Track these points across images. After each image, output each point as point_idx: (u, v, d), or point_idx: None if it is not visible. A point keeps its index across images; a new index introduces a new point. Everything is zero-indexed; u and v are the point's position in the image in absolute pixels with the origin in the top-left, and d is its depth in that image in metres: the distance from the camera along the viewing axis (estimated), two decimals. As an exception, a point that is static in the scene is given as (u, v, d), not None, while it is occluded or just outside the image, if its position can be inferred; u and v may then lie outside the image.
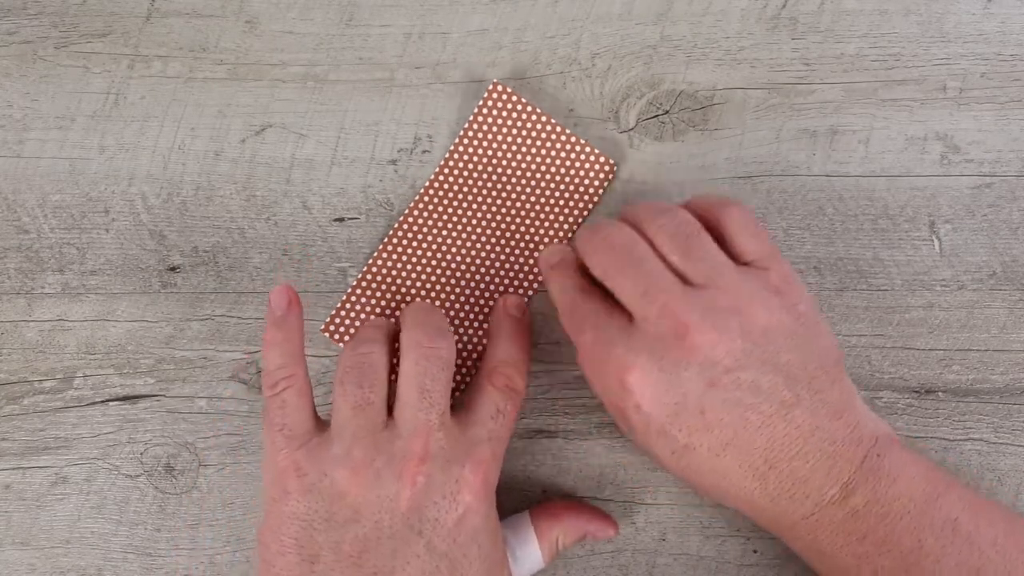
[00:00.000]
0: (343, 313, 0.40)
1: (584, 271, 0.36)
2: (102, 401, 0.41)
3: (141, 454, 0.41)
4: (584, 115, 0.41)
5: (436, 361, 0.34)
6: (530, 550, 0.37)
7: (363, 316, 0.40)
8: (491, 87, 0.41)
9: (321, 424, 0.35)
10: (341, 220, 0.41)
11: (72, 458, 0.41)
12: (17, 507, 0.40)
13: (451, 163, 0.41)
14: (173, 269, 0.41)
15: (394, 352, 0.37)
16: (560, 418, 0.40)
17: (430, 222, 0.41)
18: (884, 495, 0.32)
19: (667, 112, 0.41)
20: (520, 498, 0.40)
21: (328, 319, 0.40)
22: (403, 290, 0.40)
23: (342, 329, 0.40)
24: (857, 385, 0.40)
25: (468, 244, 0.41)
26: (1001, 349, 0.40)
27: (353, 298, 0.40)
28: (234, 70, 0.42)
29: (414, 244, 0.41)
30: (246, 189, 0.42)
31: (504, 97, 0.41)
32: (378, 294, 0.40)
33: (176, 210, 0.42)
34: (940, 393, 0.40)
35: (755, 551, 0.40)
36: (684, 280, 0.33)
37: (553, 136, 0.41)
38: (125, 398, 0.41)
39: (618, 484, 0.40)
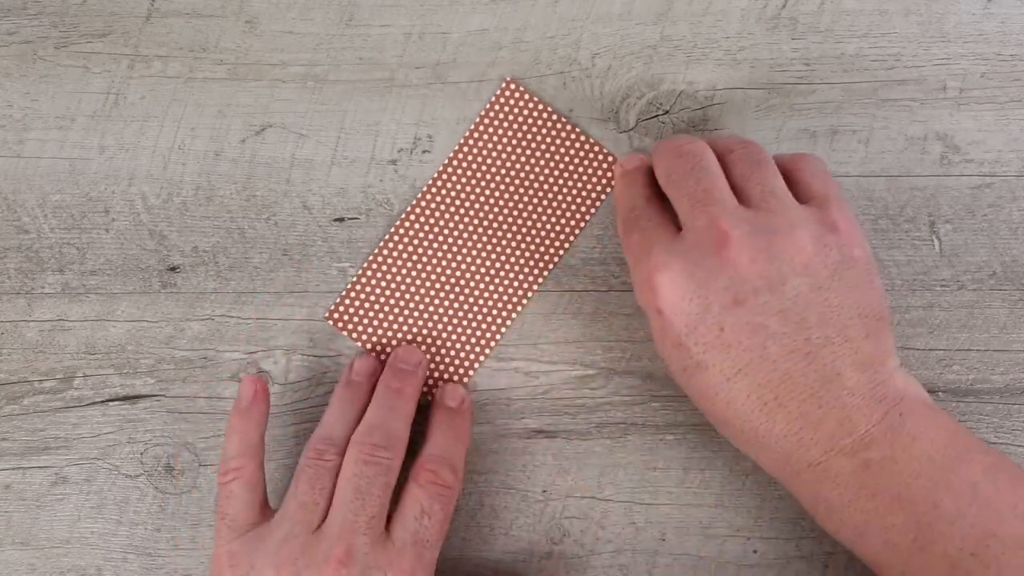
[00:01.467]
0: (347, 302, 0.41)
1: (655, 182, 0.36)
2: (102, 401, 0.41)
3: (141, 454, 0.41)
4: (584, 115, 0.41)
5: (375, 467, 0.34)
6: None
7: (367, 306, 0.40)
8: (504, 84, 0.41)
9: (267, 514, 0.36)
10: (341, 220, 0.41)
11: (72, 458, 0.41)
12: (17, 507, 0.40)
13: (459, 156, 0.41)
14: (173, 269, 0.41)
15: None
16: (560, 418, 0.40)
17: (436, 214, 0.41)
18: (902, 453, 0.31)
19: (667, 112, 0.41)
20: (520, 499, 0.40)
21: (333, 306, 0.41)
22: (408, 280, 0.40)
23: (346, 317, 0.40)
24: (857, 385, 0.40)
25: (474, 238, 0.41)
26: (1001, 349, 0.40)
27: (358, 287, 0.41)
28: (234, 70, 0.42)
29: (420, 235, 0.41)
30: (246, 189, 0.42)
31: (517, 94, 0.41)
32: (383, 283, 0.41)
33: (176, 210, 0.42)
34: (940, 393, 0.40)
35: (755, 551, 0.40)
36: (741, 200, 0.33)
37: (563, 134, 0.41)
38: (125, 398, 0.41)
39: (618, 484, 0.40)
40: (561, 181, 0.41)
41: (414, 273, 0.41)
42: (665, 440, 0.40)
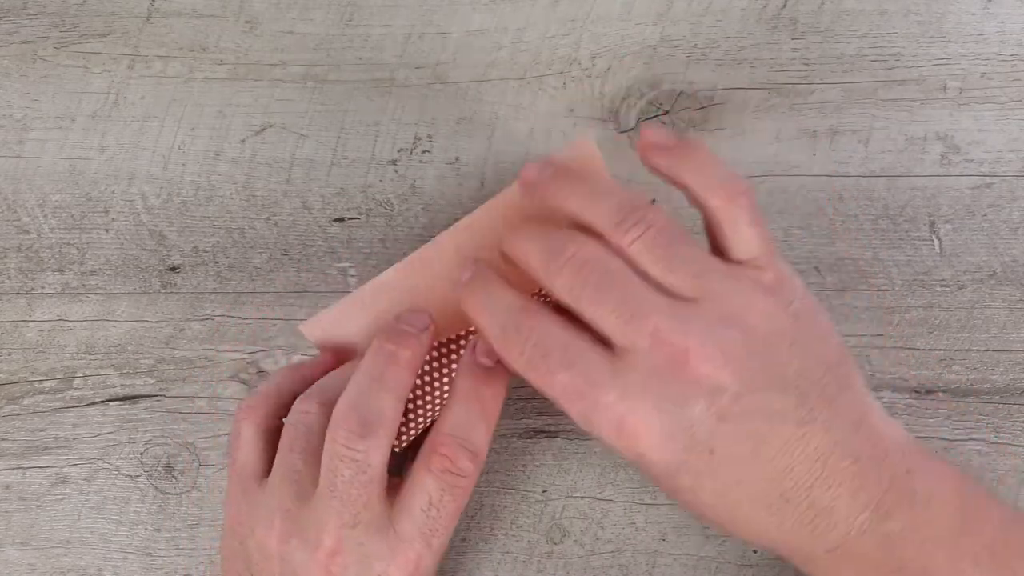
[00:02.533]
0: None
1: (513, 280, 0.31)
2: (102, 401, 0.41)
3: (141, 454, 0.41)
4: (584, 115, 0.42)
5: (349, 464, 0.30)
6: None
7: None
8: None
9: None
10: (341, 220, 0.41)
11: (72, 458, 0.41)
12: (17, 507, 0.40)
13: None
14: (173, 269, 0.41)
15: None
16: (560, 418, 0.40)
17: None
18: (920, 518, 0.29)
19: (667, 112, 0.41)
20: (520, 499, 0.40)
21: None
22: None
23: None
24: (857, 385, 0.40)
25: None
26: (1001, 349, 0.40)
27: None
28: (234, 70, 0.42)
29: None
30: (246, 189, 0.42)
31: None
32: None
33: (176, 210, 0.42)
34: (940, 393, 0.40)
35: (755, 551, 0.40)
36: (669, 294, 0.29)
37: None
38: (125, 398, 0.41)
39: (618, 484, 0.40)
40: None
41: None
42: (665, 440, 0.40)
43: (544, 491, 0.40)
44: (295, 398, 0.33)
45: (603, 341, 0.29)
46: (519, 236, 0.30)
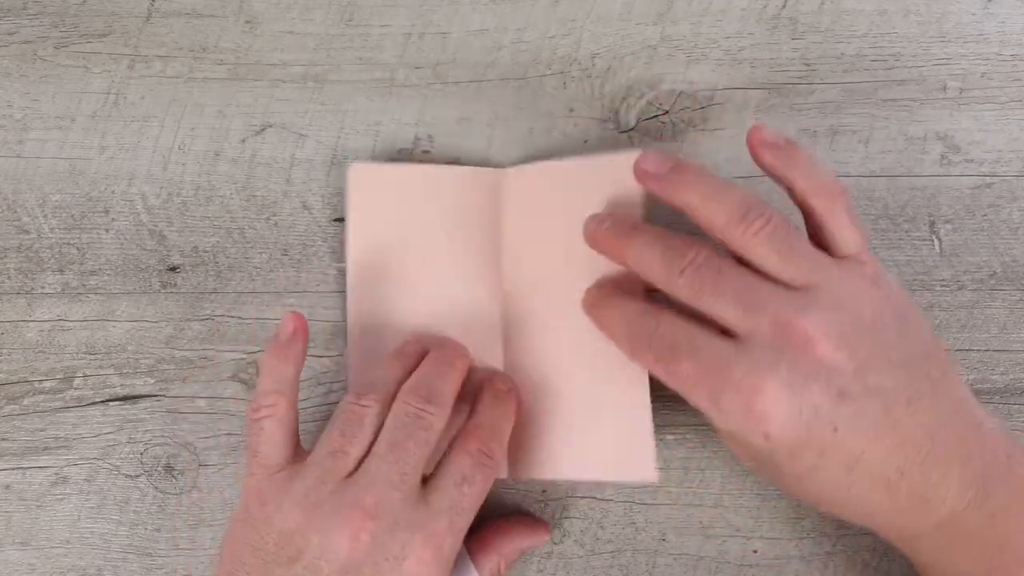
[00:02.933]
0: None
1: (634, 288, 0.34)
2: (102, 401, 0.41)
3: (141, 454, 0.41)
4: (584, 115, 0.41)
5: (417, 421, 0.33)
6: None
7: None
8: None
9: (299, 454, 0.35)
10: (341, 220, 0.41)
11: (72, 458, 0.41)
12: (17, 507, 0.40)
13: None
14: (173, 269, 0.41)
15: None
16: (560, 418, 0.40)
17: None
18: (1022, 499, 0.30)
19: (667, 112, 0.41)
20: (521, 499, 0.40)
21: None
22: None
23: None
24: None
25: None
26: (1001, 349, 0.40)
27: None
28: (234, 70, 0.42)
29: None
30: (246, 189, 0.42)
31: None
32: None
33: (176, 210, 0.42)
34: (940, 393, 0.40)
35: (755, 551, 0.40)
36: (783, 284, 0.31)
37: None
38: (125, 398, 0.41)
39: (618, 484, 0.40)
40: None
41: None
42: (665, 440, 0.40)
43: (544, 491, 0.40)
44: (298, 384, 0.35)
45: (725, 333, 0.31)
46: (635, 245, 0.33)
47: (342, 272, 0.41)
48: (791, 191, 0.33)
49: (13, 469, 0.41)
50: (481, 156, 0.42)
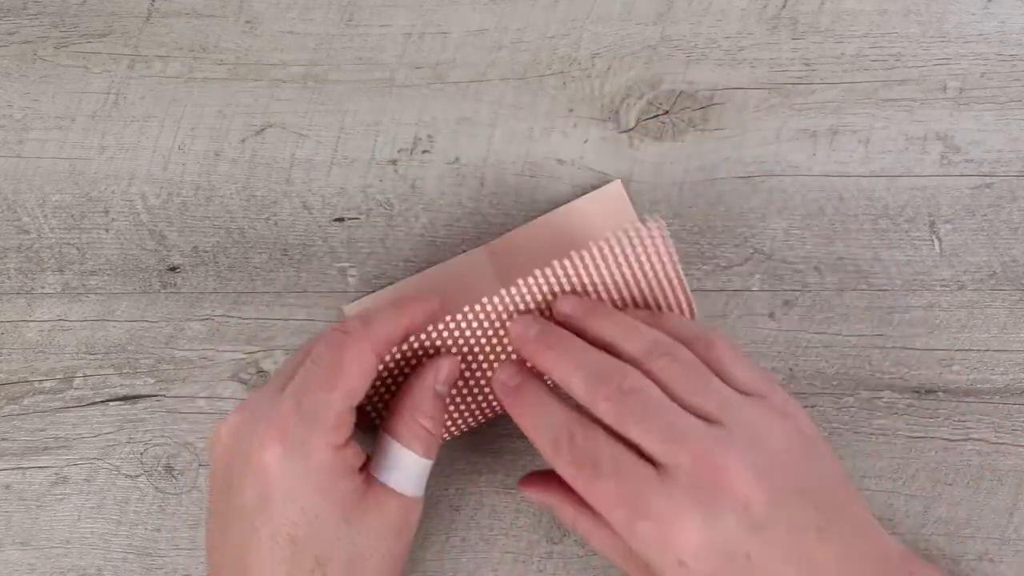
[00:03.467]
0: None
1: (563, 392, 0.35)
2: (102, 401, 0.41)
3: (141, 454, 0.41)
4: (584, 115, 0.41)
5: (305, 360, 0.33)
6: (397, 451, 0.34)
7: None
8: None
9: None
10: (341, 220, 0.41)
11: (72, 458, 0.41)
12: (17, 507, 0.40)
13: (551, 277, 0.36)
14: (173, 269, 0.41)
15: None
16: (560, 418, 0.40)
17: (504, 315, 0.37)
18: None
19: (667, 112, 0.41)
20: (520, 498, 0.40)
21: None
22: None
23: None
24: (857, 385, 0.40)
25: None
26: (1001, 349, 0.40)
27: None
28: (234, 70, 0.42)
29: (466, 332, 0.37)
30: (246, 189, 0.42)
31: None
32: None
33: (176, 210, 0.42)
34: (940, 393, 0.40)
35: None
36: (702, 417, 0.32)
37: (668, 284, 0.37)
38: (125, 398, 0.41)
39: (618, 484, 0.40)
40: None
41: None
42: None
43: (544, 491, 0.40)
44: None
45: (644, 458, 0.32)
46: (561, 355, 0.34)
47: (342, 272, 0.41)
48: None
49: (13, 469, 0.41)
50: (481, 156, 0.42)
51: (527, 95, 0.42)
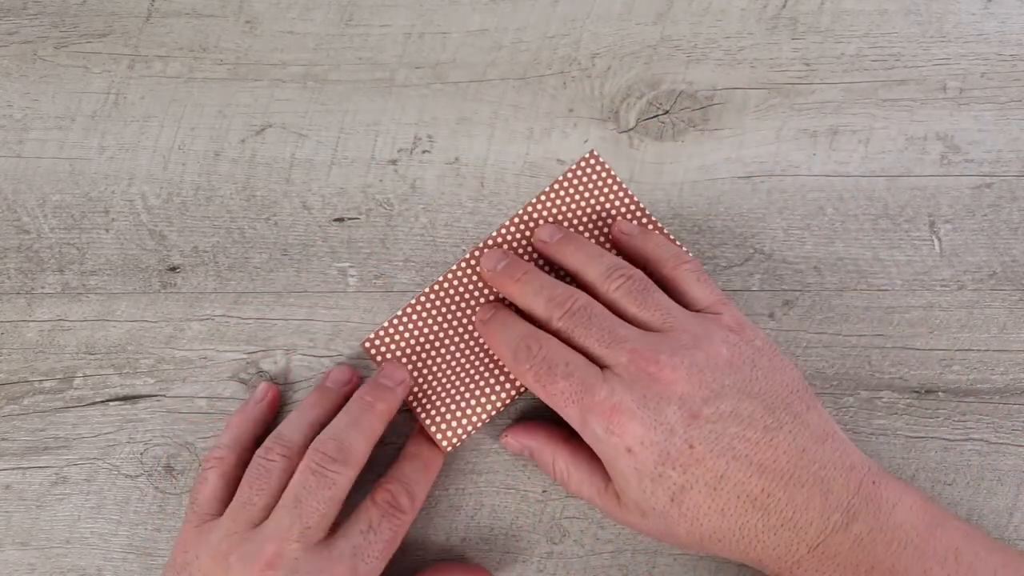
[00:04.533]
0: (387, 333, 0.40)
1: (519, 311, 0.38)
2: (102, 401, 0.41)
3: (141, 454, 0.41)
4: (584, 115, 0.42)
5: (320, 478, 0.34)
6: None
7: (403, 339, 0.39)
8: (588, 156, 0.40)
9: None
10: (341, 220, 0.41)
11: (72, 458, 0.41)
12: (17, 507, 0.40)
13: (525, 216, 0.40)
14: (173, 269, 0.41)
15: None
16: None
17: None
18: (886, 522, 0.32)
19: (667, 112, 0.41)
20: (520, 499, 0.40)
21: (372, 335, 0.39)
22: (448, 321, 0.40)
23: (382, 349, 0.39)
24: (857, 385, 0.40)
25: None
26: (1001, 349, 0.40)
27: (400, 321, 0.39)
28: (234, 70, 0.42)
29: (465, 281, 0.40)
30: (246, 189, 0.42)
31: (596, 168, 0.40)
32: (421, 321, 0.40)
33: (176, 210, 0.42)
34: (940, 393, 0.40)
35: (755, 551, 0.40)
36: (643, 327, 0.35)
37: (634, 216, 0.40)
38: (125, 398, 0.41)
39: (618, 484, 0.40)
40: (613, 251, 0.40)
41: (459, 314, 0.40)
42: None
43: (544, 491, 0.40)
44: (255, 444, 0.38)
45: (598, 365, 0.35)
46: (525, 290, 0.37)
47: (342, 272, 0.41)
48: (646, 265, 0.38)
49: (13, 469, 0.41)
50: (481, 156, 0.42)
51: (527, 95, 0.42)
